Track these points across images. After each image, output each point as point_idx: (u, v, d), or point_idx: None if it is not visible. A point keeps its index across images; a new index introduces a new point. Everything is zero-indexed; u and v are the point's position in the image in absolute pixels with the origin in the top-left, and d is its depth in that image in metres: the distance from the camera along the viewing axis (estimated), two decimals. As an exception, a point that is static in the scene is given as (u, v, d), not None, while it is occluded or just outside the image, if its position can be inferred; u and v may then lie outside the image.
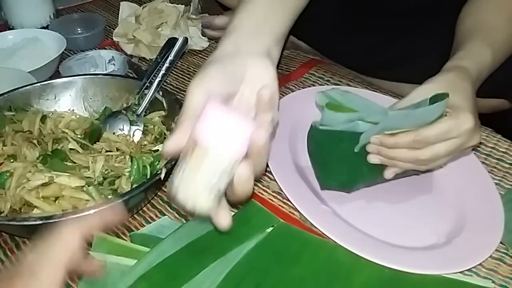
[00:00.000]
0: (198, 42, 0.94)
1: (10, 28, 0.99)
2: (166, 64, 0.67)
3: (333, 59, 0.86)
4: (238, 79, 0.44)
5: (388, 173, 0.54)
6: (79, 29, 1.00)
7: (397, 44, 0.78)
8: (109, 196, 0.54)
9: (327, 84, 0.80)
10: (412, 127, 0.49)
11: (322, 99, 0.53)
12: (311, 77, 0.83)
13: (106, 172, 0.57)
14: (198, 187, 0.38)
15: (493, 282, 0.48)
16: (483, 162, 0.62)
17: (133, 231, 0.54)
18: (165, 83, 0.69)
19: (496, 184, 0.59)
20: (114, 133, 0.64)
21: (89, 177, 0.56)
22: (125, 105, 0.67)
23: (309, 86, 0.79)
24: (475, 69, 0.54)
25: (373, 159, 0.53)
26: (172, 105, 0.64)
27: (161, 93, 0.66)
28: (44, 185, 0.53)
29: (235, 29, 0.48)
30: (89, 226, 0.35)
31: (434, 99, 0.48)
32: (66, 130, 0.64)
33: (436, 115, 0.48)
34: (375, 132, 0.51)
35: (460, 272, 0.48)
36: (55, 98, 0.68)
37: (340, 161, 0.54)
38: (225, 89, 0.43)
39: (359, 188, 0.56)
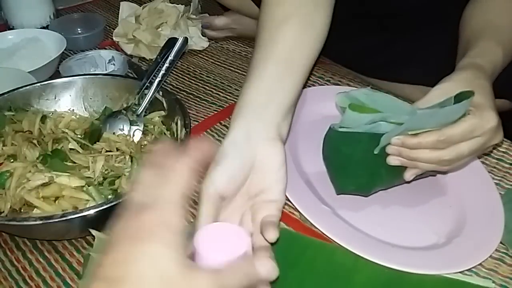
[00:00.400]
0: (198, 42, 0.94)
1: (10, 28, 0.99)
2: (166, 64, 0.67)
3: (333, 60, 0.86)
4: (248, 169, 0.46)
5: (409, 175, 0.52)
6: (79, 29, 1.00)
7: (397, 45, 0.78)
8: (109, 196, 0.54)
9: (327, 84, 0.80)
10: (435, 126, 0.48)
11: (343, 101, 0.51)
12: (311, 77, 0.83)
13: (106, 172, 0.57)
14: None
15: (493, 282, 0.48)
16: (483, 162, 0.62)
17: (133, 231, 0.54)
18: (165, 83, 0.69)
19: (496, 184, 0.59)
20: (114, 133, 0.64)
21: (89, 177, 0.56)
22: (125, 105, 0.67)
23: (309, 86, 0.78)
24: (489, 67, 0.53)
25: (393, 161, 0.51)
26: (172, 105, 0.64)
27: (161, 93, 0.66)
28: (44, 185, 0.53)
29: (243, 108, 0.49)
30: (194, 159, 0.34)
31: (459, 98, 0.47)
32: (66, 130, 0.64)
33: (460, 114, 0.47)
34: (397, 132, 0.49)
35: (460, 272, 0.48)
36: (55, 98, 0.68)
37: (358, 163, 0.52)
38: (236, 182, 0.45)
39: (376, 191, 0.55)
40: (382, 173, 0.52)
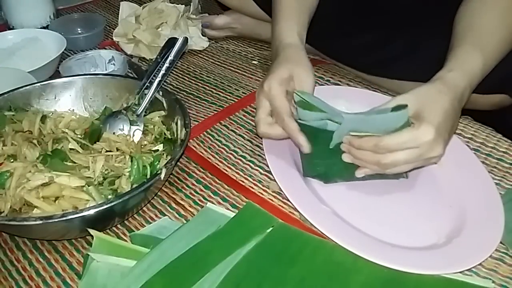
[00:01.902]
0: (198, 42, 0.94)
1: (10, 28, 1.00)
2: (166, 64, 0.67)
3: (333, 57, 0.86)
4: None
5: (358, 173, 0.57)
6: (79, 29, 1.01)
7: (397, 42, 0.78)
8: (109, 196, 0.54)
9: (327, 84, 0.80)
10: (378, 131, 0.52)
11: (296, 97, 0.57)
12: (311, 77, 0.82)
13: (106, 172, 0.57)
14: None
15: (493, 282, 0.48)
16: (483, 162, 0.62)
17: (133, 231, 0.55)
18: (165, 83, 0.69)
19: (496, 184, 0.59)
20: (114, 133, 0.64)
21: (89, 177, 0.56)
22: (125, 105, 0.67)
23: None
24: (463, 80, 0.54)
25: (345, 158, 0.57)
26: (172, 105, 0.64)
27: (161, 93, 0.66)
28: (44, 185, 0.53)
29: None
30: None
31: (397, 109, 0.50)
32: (66, 130, 0.64)
33: (397, 123, 0.50)
34: (344, 132, 0.55)
35: (460, 272, 0.48)
36: (55, 98, 0.68)
37: (318, 155, 0.58)
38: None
39: (336, 181, 0.59)
40: (340, 167, 0.57)
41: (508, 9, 0.60)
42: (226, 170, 0.63)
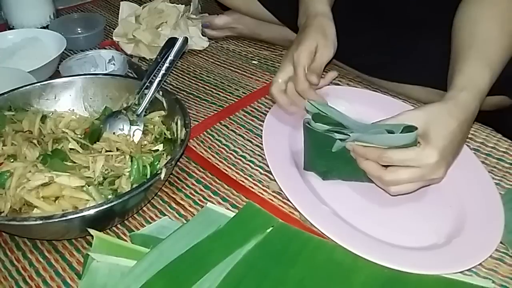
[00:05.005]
0: (198, 42, 0.94)
1: (10, 28, 1.00)
2: (166, 64, 0.67)
3: (334, 57, 0.86)
4: None
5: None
6: (79, 29, 1.01)
7: (396, 44, 0.78)
8: (109, 196, 0.54)
9: (327, 84, 0.80)
10: (383, 146, 0.52)
11: (311, 107, 0.58)
12: (311, 77, 0.82)
13: (106, 172, 0.57)
14: None
15: (493, 282, 0.48)
16: (483, 162, 0.62)
17: (133, 231, 0.55)
18: (165, 83, 0.69)
19: (496, 184, 0.59)
20: (114, 133, 0.64)
21: (89, 177, 0.56)
22: (125, 105, 0.67)
23: (309, 86, 0.78)
24: (474, 100, 0.54)
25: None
26: (172, 105, 0.64)
27: (161, 93, 0.66)
28: (44, 185, 0.53)
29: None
30: None
31: (408, 129, 0.51)
32: (66, 130, 0.64)
33: (404, 142, 0.51)
34: (349, 140, 0.55)
35: (460, 272, 0.48)
36: (55, 98, 0.68)
37: (321, 156, 0.58)
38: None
39: (334, 179, 0.60)
40: (341, 168, 0.58)
41: (507, 16, 0.59)
42: (226, 170, 0.63)
